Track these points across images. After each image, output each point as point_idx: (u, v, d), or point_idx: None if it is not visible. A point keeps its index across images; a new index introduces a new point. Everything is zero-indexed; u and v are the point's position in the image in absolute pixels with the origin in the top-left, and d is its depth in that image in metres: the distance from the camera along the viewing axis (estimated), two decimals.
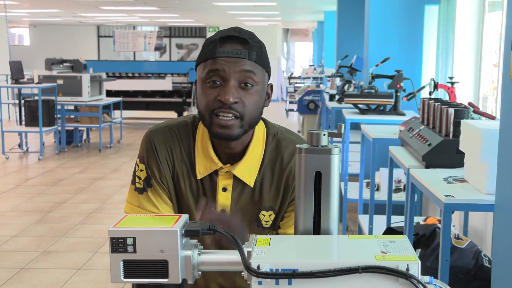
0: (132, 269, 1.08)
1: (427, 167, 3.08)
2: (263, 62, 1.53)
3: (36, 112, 9.36)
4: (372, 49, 5.96)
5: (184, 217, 1.13)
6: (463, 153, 2.81)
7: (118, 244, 1.08)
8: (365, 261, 0.99)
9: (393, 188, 4.41)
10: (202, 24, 21.43)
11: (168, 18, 18.13)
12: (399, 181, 5.24)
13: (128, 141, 11.63)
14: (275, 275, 1.00)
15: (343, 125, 1.16)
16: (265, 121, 1.67)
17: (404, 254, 1.03)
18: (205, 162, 1.60)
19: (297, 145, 1.16)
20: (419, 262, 1.01)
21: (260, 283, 1.00)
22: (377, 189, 5.17)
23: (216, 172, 1.61)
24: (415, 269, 0.99)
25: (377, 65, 5.41)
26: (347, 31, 10.41)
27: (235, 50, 1.49)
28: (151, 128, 1.65)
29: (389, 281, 0.99)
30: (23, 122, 9.92)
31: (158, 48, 19.62)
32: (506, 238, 2.17)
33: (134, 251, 1.07)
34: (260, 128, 1.63)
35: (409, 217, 3.16)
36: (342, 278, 0.99)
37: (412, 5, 5.86)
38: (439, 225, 3.31)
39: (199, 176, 1.60)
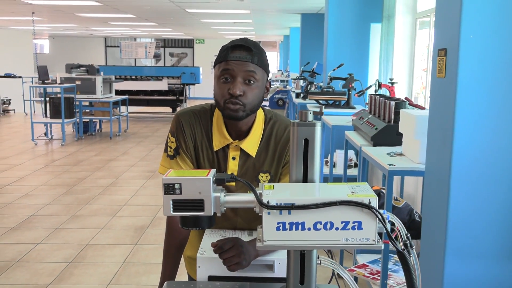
0: (178, 205, 1.19)
1: (374, 145, 3.21)
2: (263, 65, 1.63)
3: (59, 107, 9.35)
4: (330, 57, 6.03)
5: (213, 170, 1.24)
6: (402, 134, 2.96)
7: (169, 188, 1.18)
8: (341, 198, 1.12)
9: (347, 165, 4.55)
10: (191, 37, 21.31)
11: (163, 32, 18.00)
12: (351, 160, 5.40)
13: (133, 130, 11.64)
14: (280, 207, 1.12)
15: (323, 106, 1.31)
16: (263, 109, 1.77)
17: (366, 193, 1.16)
18: (219, 138, 1.70)
19: (291, 120, 1.30)
20: (377, 198, 1.16)
21: (269, 213, 1.12)
22: (334, 166, 5.32)
23: (227, 146, 1.70)
24: (375, 202, 1.12)
25: (333, 70, 5.53)
26: (308, 43, 10.50)
27: (241, 56, 1.59)
28: (180, 111, 1.76)
29: (357, 211, 1.13)
30: (48, 115, 9.90)
31: (156, 56, 19.51)
32: (433, 196, 2.28)
33: (180, 193, 1.18)
34: (260, 114, 1.72)
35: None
36: (325, 209, 1.12)
37: (360, 23, 5.94)
38: (383, 190, 3.48)
39: (215, 149, 1.70)
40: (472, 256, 2.13)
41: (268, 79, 1.71)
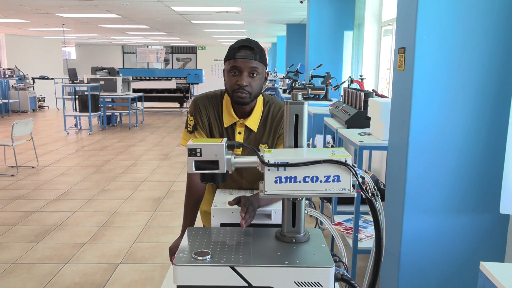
0: (199, 165, 1.26)
1: (348, 128, 3.28)
2: (263, 60, 1.70)
3: (86, 102, 9.36)
4: (311, 59, 6.06)
5: (225, 139, 1.31)
6: (370, 118, 3.02)
7: (192, 152, 1.25)
8: (324, 157, 1.19)
9: (325, 147, 4.60)
10: (194, 44, 21.19)
11: (171, 40, 17.90)
12: (328, 143, 5.47)
13: (148, 122, 11.64)
14: (277, 165, 1.20)
15: (309, 89, 1.40)
16: (262, 94, 1.83)
17: (343, 154, 1.23)
18: (228, 117, 1.77)
19: (285, 100, 1.38)
20: (352, 157, 1.25)
21: (269, 170, 1.20)
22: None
23: (235, 123, 1.78)
24: (350, 161, 1.20)
25: (314, 69, 5.59)
26: (292, 48, 10.52)
27: (247, 54, 1.66)
28: (197, 96, 1.83)
29: (336, 168, 1.21)
30: (77, 109, 9.91)
31: (165, 60, 19.41)
32: (394, 165, 2.34)
33: (200, 155, 1.26)
34: (259, 98, 1.79)
35: None
36: (312, 166, 1.20)
37: (335, 30, 6.00)
38: (355, 166, 3.56)
39: (225, 126, 1.78)
40: (425, 212, 2.20)
41: (267, 70, 1.79)
